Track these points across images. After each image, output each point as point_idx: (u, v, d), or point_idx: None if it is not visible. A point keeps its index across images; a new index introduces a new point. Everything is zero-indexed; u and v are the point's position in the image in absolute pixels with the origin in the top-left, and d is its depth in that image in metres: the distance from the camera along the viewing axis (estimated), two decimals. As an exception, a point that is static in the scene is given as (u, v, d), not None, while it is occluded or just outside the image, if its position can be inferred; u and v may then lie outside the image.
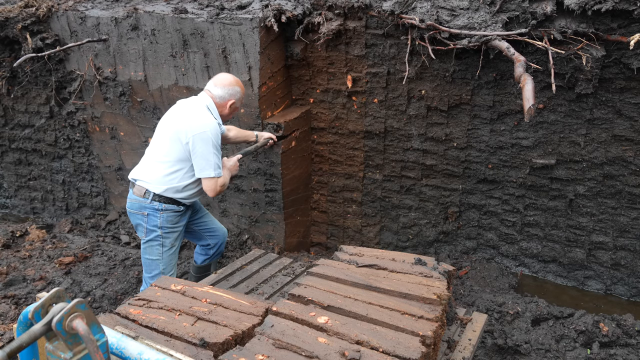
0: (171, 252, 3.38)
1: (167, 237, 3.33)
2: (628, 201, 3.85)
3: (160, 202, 3.24)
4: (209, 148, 3.13)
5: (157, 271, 3.37)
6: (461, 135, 4.15)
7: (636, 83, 3.51)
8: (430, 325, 2.09)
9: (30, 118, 5.66)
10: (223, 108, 3.33)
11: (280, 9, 4.07)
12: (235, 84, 3.33)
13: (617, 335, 3.35)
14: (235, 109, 3.39)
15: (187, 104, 3.30)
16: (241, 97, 3.39)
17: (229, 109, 3.35)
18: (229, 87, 3.30)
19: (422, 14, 3.77)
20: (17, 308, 3.83)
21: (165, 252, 3.35)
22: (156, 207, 3.24)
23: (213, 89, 3.31)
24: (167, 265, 3.39)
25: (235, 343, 2.02)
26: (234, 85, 3.32)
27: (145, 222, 3.28)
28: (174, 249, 3.40)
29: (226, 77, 3.35)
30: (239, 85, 3.36)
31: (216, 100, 3.30)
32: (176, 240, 3.40)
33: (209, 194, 3.22)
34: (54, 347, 1.31)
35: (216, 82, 3.31)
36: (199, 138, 3.10)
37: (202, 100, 3.29)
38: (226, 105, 3.32)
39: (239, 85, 3.36)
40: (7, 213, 6.23)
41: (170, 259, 3.40)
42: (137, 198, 3.27)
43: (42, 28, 5.05)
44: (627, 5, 3.26)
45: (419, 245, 4.68)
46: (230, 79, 3.33)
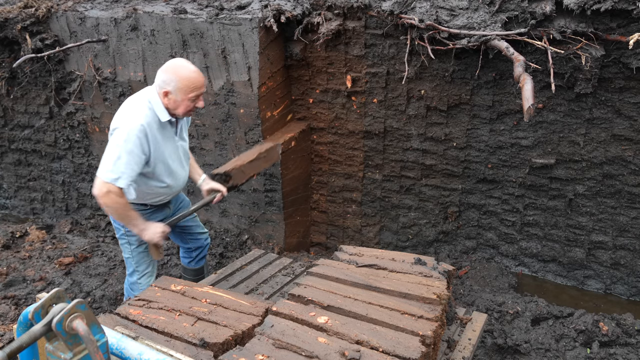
0: (140, 250, 3.14)
1: (131, 235, 3.06)
2: (627, 200, 3.85)
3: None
4: (115, 145, 2.68)
5: (131, 269, 3.21)
6: (461, 135, 4.15)
7: (635, 82, 3.51)
8: (430, 325, 2.09)
9: (30, 119, 5.66)
10: (163, 98, 2.80)
11: (280, 9, 4.07)
12: (173, 70, 2.75)
13: (617, 335, 3.35)
14: (176, 101, 2.78)
15: (129, 98, 2.91)
16: (180, 88, 2.74)
17: (167, 100, 2.79)
18: (165, 74, 2.77)
19: (422, 14, 3.77)
20: (17, 309, 3.83)
21: (134, 250, 3.14)
22: None
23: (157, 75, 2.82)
24: (140, 264, 3.18)
25: (235, 343, 2.03)
26: (169, 71, 2.75)
27: (113, 220, 3.08)
28: (143, 247, 3.13)
29: (170, 63, 2.82)
30: (177, 74, 2.74)
31: (157, 90, 2.81)
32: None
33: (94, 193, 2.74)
34: (54, 348, 1.31)
35: (161, 68, 2.83)
36: (115, 132, 2.73)
37: (147, 92, 2.86)
38: (162, 95, 2.79)
39: (177, 74, 2.74)
40: (6, 214, 6.22)
41: (141, 257, 3.17)
42: None
43: (42, 29, 5.05)
44: (626, 5, 3.26)
45: (419, 245, 4.68)
46: (171, 66, 2.79)
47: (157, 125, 2.82)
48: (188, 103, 2.80)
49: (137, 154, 2.72)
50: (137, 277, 3.21)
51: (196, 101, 2.83)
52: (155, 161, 2.86)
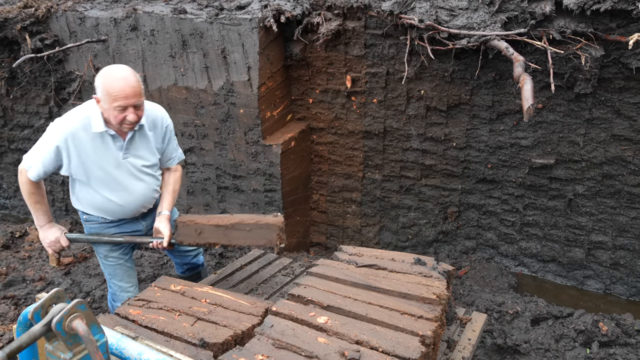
0: (109, 262, 2.97)
1: (97, 248, 2.97)
2: (627, 201, 3.85)
3: (82, 212, 2.90)
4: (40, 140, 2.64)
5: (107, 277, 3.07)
6: (460, 135, 4.15)
7: (635, 83, 3.51)
8: (430, 325, 2.09)
9: (30, 119, 5.65)
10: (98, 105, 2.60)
11: (280, 9, 4.07)
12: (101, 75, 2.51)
13: (617, 335, 3.35)
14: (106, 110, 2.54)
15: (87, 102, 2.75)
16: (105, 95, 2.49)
17: (101, 107, 2.57)
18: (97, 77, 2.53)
19: (421, 14, 3.77)
20: (17, 309, 3.83)
21: (103, 262, 3.00)
22: (81, 216, 2.94)
23: None
24: (113, 276, 3.02)
25: (235, 343, 2.03)
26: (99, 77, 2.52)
27: None
28: (112, 260, 2.96)
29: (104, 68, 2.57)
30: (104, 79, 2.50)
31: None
32: (110, 251, 2.93)
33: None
34: (54, 348, 1.31)
35: None
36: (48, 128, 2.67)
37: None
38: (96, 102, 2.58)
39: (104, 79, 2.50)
40: (6, 214, 6.22)
41: (114, 270, 3.00)
42: None
43: (42, 29, 5.05)
44: (626, 5, 3.26)
45: (419, 245, 4.68)
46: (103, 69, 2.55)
47: (88, 136, 2.62)
48: (115, 113, 2.51)
49: (49, 157, 2.64)
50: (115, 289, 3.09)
51: (125, 112, 2.51)
52: (83, 172, 2.70)
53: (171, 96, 4.62)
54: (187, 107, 4.60)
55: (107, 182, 2.75)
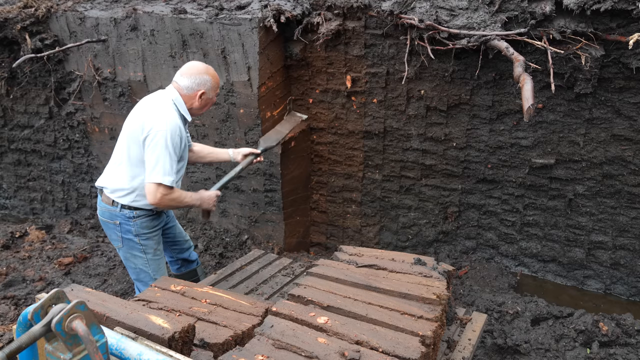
0: (157, 256, 3.11)
1: (146, 244, 3.06)
2: (627, 200, 3.85)
3: (131, 210, 2.96)
4: (162, 148, 2.75)
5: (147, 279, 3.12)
6: (460, 135, 4.15)
7: (635, 82, 3.51)
8: (430, 325, 2.09)
9: (30, 119, 5.65)
10: (192, 100, 2.93)
11: (280, 9, 4.07)
12: (205, 72, 2.93)
13: (617, 335, 3.35)
14: (209, 100, 2.99)
15: (150, 100, 2.96)
16: (213, 86, 2.97)
17: (200, 100, 2.94)
18: (197, 75, 2.90)
19: (421, 14, 3.77)
20: (17, 309, 3.83)
21: (150, 259, 3.09)
22: (127, 214, 2.96)
23: (180, 80, 2.92)
24: (157, 271, 3.13)
25: (235, 343, 2.03)
26: (202, 73, 2.92)
27: (119, 231, 3.02)
28: (158, 252, 3.12)
29: (194, 65, 2.96)
30: (209, 74, 2.95)
31: (183, 92, 2.92)
32: (158, 243, 3.13)
33: (148, 198, 2.80)
34: (54, 348, 1.31)
35: (183, 72, 2.93)
36: (154, 136, 2.75)
37: (168, 94, 2.93)
38: (195, 97, 2.92)
39: (209, 74, 2.95)
40: (6, 214, 6.22)
41: (158, 264, 3.13)
42: (107, 206, 3.00)
43: (41, 29, 5.05)
44: (626, 5, 3.26)
45: (419, 245, 4.68)
46: (198, 67, 2.95)
47: (183, 125, 2.93)
48: (214, 100, 3.05)
49: (176, 152, 2.84)
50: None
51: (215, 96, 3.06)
52: (181, 158, 2.96)
53: (171, 96, 4.62)
54: (187, 107, 4.59)
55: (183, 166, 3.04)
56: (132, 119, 2.90)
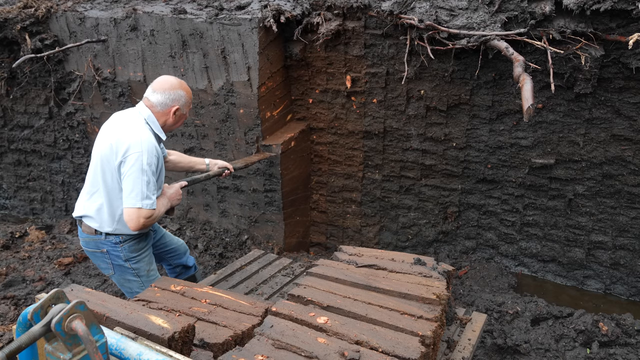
0: (151, 276, 3.02)
1: (138, 267, 2.95)
2: (627, 200, 3.85)
3: (116, 235, 2.84)
4: (138, 172, 2.62)
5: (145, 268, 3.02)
6: (460, 135, 4.15)
7: (635, 83, 3.51)
8: (430, 325, 2.09)
9: (30, 119, 5.65)
10: (165, 117, 2.81)
11: (280, 10, 4.07)
12: (179, 86, 2.82)
13: (617, 335, 3.35)
14: (182, 116, 2.88)
15: (121, 119, 2.82)
16: (187, 102, 2.87)
17: (174, 117, 2.82)
18: (170, 90, 2.79)
19: (421, 14, 3.77)
20: (17, 309, 3.83)
21: (145, 281, 2.98)
22: (113, 240, 2.85)
23: (152, 96, 2.79)
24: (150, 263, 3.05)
25: (234, 343, 2.03)
26: (176, 88, 2.81)
27: (108, 259, 2.91)
28: (152, 272, 3.03)
29: (167, 79, 2.84)
30: (183, 88, 2.84)
31: (156, 109, 2.79)
32: (149, 264, 3.02)
33: (129, 225, 2.66)
34: (54, 348, 1.31)
35: (155, 87, 2.81)
36: (129, 160, 2.63)
37: (139, 112, 2.80)
38: (169, 113, 2.80)
39: (183, 88, 2.84)
40: (6, 214, 6.22)
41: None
42: (89, 236, 2.87)
43: (41, 29, 5.05)
44: (626, 5, 3.26)
45: (419, 245, 4.68)
46: (172, 81, 2.83)
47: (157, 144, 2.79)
48: (187, 115, 2.94)
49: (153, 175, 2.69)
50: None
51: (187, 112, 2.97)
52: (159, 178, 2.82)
53: (171, 96, 4.61)
54: (187, 107, 4.60)
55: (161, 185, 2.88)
56: (103, 141, 2.76)
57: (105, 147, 2.71)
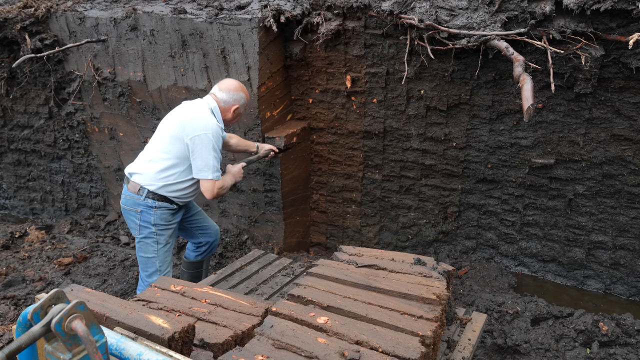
0: (166, 249, 3.41)
1: (161, 235, 3.36)
2: (627, 200, 3.85)
3: (154, 200, 3.26)
4: (209, 150, 3.18)
5: (153, 269, 3.39)
6: (460, 135, 4.15)
7: (635, 82, 3.51)
8: (430, 325, 2.09)
9: (29, 119, 5.65)
10: (227, 112, 3.40)
11: (279, 9, 4.07)
12: (240, 89, 3.42)
13: (617, 335, 3.35)
14: (239, 114, 3.47)
15: (192, 105, 3.36)
16: (245, 103, 3.47)
17: (233, 113, 3.41)
18: (234, 92, 3.39)
19: (421, 13, 3.77)
20: (17, 309, 3.83)
21: (160, 249, 3.37)
22: (149, 204, 3.26)
23: (218, 93, 3.39)
24: (163, 263, 3.41)
25: (234, 343, 2.02)
26: (239, 90, 3.41)
27: (138, 219, 3.31)
28: (168, 246, 3.42)
29: (232, 82, 3.44)
30: (244, 92, 3.45)
31: (220, 104, 3.37)
32: (170, 237, 3.43)
33: (207, 195, 3.25)
34: (53, 348, 1.31)
35: (221, 87, 3.40)
36: (200, 139, 3.16)
37: (207, 102, 3.36)
38: (230, 110, 3.39)
39: (244, 92, 3.45)
40: (6, 214, 6.22)
41: (166, 256, 3.42)
42: (131, 194, 3.30)
43: (41, 29, 5.05)
44: (626, 5, 3.26)
45: (419, 245, 4.68)
46: (235, 85, 3.42)
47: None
48: (242, 114, 3.54)
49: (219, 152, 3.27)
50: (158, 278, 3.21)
51: None
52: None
53: (171, 96, 4.62)
54: (187, 107, 4.59)
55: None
56: (173, 120, 3.29)
57: (175, 125, 3.24)
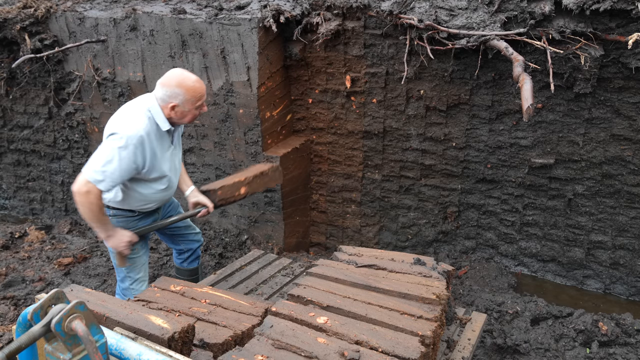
0: (134, 255, 3.07)
1: None
2: (627, 200, 3.86)
3: (108, 208, 2.94)
4: (109, 149, 2.66)
5: (122, 275, 3.14)
6: (460, 135, 4.15)
7: (634, 82, 3.51)
8: (430, 325, 2.09)
9: (29, 119, 5.65)
10: (166, 110, 2.82)
11: (279, 10, 4.07)
12: (177, 85, 2.76)
13: (616, 335, 3.35)
14: (184, 112, 2.82)
15: (127, 105, 2.91)
16: (187, 99, 2.78)
17: (174, 112, 2.81)
18: (168, 88, 2.77)
19: (421, 14, 3.77)
20: (17, 309, 3.83)
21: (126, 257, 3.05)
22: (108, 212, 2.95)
23: (156, 89, 2.83)
24: (132, 269, 3.12)
25: (234, 343, 2.03)
26: (174, 86, 2.76)
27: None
28: (135, 253, 3.07)
29: (171, 75, 2.82)
30: (183, 87, 2.76)
31: (159, 102, 2.82)
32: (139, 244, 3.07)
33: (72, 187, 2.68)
34: (53, 349, 1.31)
35: (161, 81, 2.83)
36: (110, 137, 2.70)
37: (147, 101, 2.85)
38: (167, 108, 2.80)
39: (183, 87, 2.76)
40: (6, 214, 6.22)
41: (135, 262, 3.12)
42: None
43: (41, 29, 5.05)
44: (625, 5, 3.26)
45: (418, 245, 4.69)
46: (173, 79, 2.79)
47: (156, 135, 2.82)
48: (195, 112, 2.87)
49: (128, 163, 2.69)
50: (129, 283, 3.14)
51: (201, 108, 2.89)
52: (150, 169, 2.84)
53: (171, 96, 4.62)
54: (187, 108, 4.60)
55: (162, 175, 2.95)
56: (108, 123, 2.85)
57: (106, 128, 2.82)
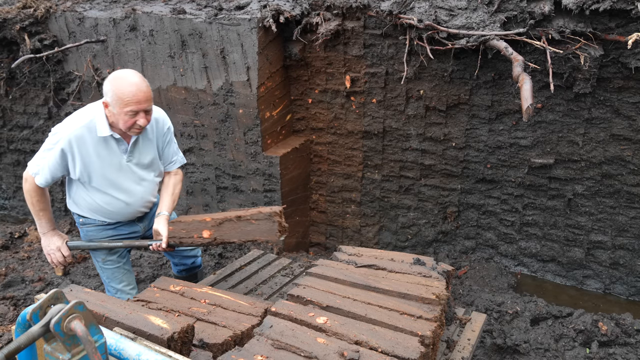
0: (107, 266, 2.98)
1: (94, 252, 2.96)
2: (626, 200, 3.86)
3: (78, 216, 2.88)
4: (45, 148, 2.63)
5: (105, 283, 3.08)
6: (460, 135, 4.15)
7: (634, 82, 3.51)
8: (429, 325, 2.09)
9: (29, 119, 5.65)
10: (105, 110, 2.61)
11: (279, 10, 4.07)
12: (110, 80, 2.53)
13: (616, 335, 3.35)
14: (114, 115, 2.56)
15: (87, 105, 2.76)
16: (115, 100, 2.50)
17: (108, 112, 2.59)
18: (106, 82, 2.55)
19: (421, 14, 3.77)
20: (16, 309, 3.82)
21: (101, 266, 3.00)
22: (77, 220, 2.92)
23: None
24: (112, 279, 3.02)
25: (234, 344, 2.03)
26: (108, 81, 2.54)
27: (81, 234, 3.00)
28: (109, 262, 2.98)
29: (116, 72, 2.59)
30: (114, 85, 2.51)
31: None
32: (109, 254, 2.96)
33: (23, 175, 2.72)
34: (53, 349, 1.31)
35: None
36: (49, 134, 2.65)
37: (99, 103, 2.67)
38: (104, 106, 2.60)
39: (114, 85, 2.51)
40: (5, 214, 6.22)
41: (112, 273, 3.01)
42: None
43: (41, 29, 5.05)
44: (625, 5, 3.26)
45: (418, 245, 4.68)
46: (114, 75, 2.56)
47: (93, 140, 2.63)
48: (126, 118, 2.53)
49: (54, 164, 2.64)
50: (112, 293, 3.08)
51: (136, 117, 2.54)
52: (88, 176, 2.71)
53: (170, 96, 4.62)
54: (186, 108, 4.60)
55: (108, 186, 2.77)
56: None
57: None
